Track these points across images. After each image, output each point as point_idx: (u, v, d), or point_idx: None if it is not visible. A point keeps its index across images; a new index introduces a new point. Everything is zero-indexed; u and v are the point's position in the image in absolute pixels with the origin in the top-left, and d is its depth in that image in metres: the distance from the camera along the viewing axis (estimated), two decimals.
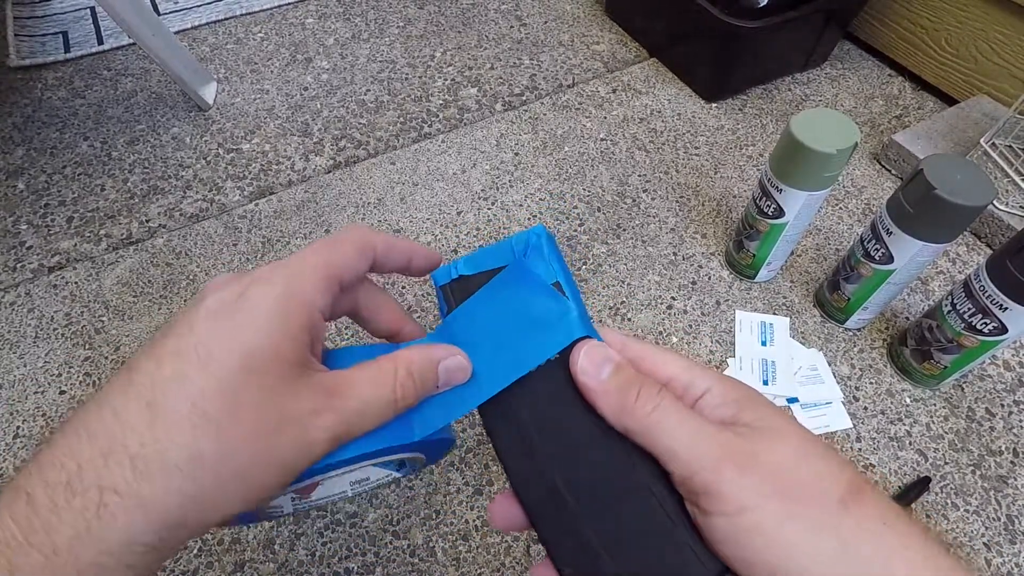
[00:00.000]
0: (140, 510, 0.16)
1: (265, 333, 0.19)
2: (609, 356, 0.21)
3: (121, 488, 0.16)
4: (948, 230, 0.44)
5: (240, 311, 0.19)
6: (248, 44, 0.89)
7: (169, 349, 0.18)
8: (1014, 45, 0.69)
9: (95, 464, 0.16)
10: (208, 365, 0.18)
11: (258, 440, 0.18)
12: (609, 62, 0.85)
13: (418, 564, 0.44)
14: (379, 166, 0.72)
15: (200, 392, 0.17)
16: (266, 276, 0.20)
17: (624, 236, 0.64)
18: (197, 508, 0.17)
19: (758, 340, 0.55)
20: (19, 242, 0.64)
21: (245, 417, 0.18)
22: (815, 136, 0.45)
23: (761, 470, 0.18)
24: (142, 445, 0.16)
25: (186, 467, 0.17)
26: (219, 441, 0.17)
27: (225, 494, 0.18)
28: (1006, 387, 0.53)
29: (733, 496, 0.18)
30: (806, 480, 0.18)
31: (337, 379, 0.20)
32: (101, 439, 0.17)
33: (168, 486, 0.17)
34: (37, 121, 0.78)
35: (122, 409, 0.17)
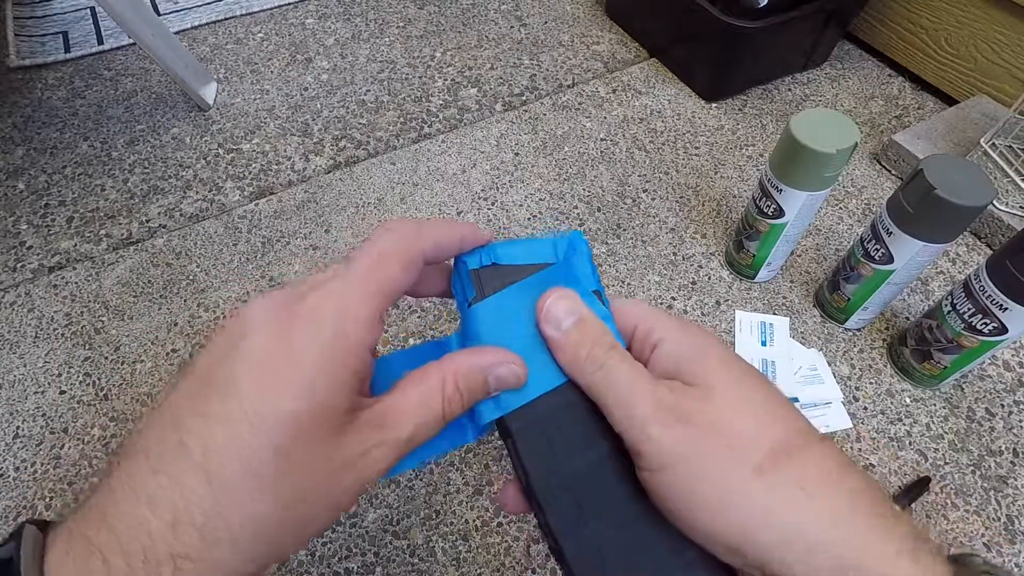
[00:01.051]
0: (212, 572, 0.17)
1: (313, 389, 0.18)
2: (574, 309, 0.21)
3: (193, 555, 0.17)
4: (948, 230, 0.44)
5: (287, 365, 0.18)
6: (248, 44, 0.89)
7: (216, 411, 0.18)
8: (1014, 45, 0.69)
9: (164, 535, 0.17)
10: (258, 429, 0.17)
11: (315, 493, 0.18)
12: (609, 62, 0.85)
13: (418, 564, 0.44)
14: (379, 166, 0.72)
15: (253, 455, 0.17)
16: (312, 313, 0.19)
17: (624, 236, 0.64)
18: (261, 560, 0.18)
19: (758, 340, 0.55)
20: (19, 242, 0.64)
21: (299, 475, 0.18)
22: (815, 136, 0.45)
23: (687, 427, 0.19)
24: (206, 516, 0.17)
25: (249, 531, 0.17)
26: (277, 501, 0.17)
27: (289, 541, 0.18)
28: (1006, 387, 0.53)
29: (653, 455, 0.19)
30: (730, 438, 0.18)
31: (387, 408, 0.20)
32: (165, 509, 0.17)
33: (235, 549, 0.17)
34: (37, 121, 0.78)
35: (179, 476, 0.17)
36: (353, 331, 0.19)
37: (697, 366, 0.20)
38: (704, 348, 0.21)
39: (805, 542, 0.17)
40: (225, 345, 0.19)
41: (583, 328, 0.21)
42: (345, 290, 0.19)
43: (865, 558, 0.17)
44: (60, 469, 0.49)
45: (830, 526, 0.17)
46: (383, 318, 0.20)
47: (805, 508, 0.17)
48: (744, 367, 0.21)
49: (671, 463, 0.18)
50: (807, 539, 0.17)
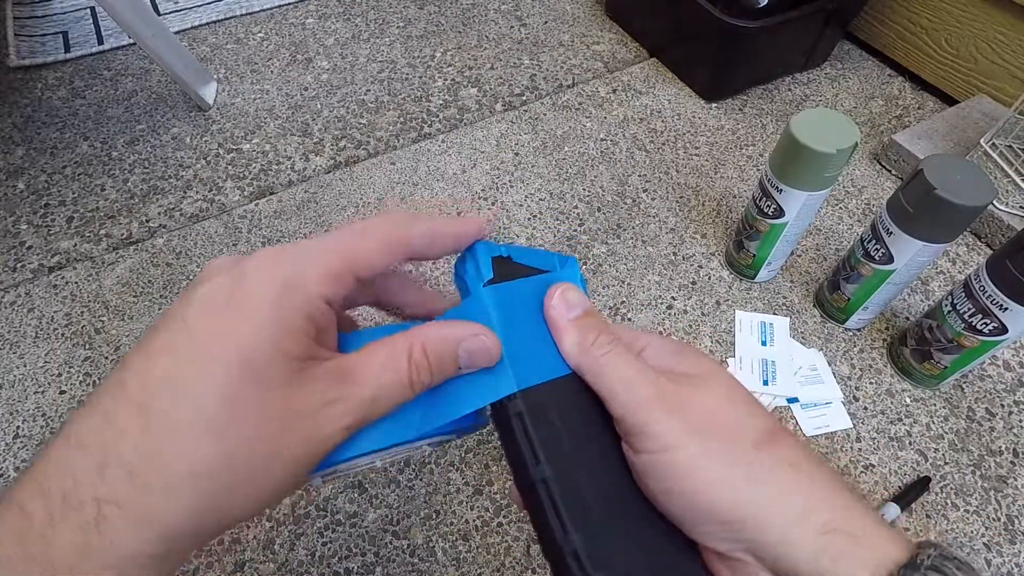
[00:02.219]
0: (143, 522, 0.15)
1: (264, 327, 0.17)
2: (583, 302, 0.23)
3: (121, 500, 0.15)
4: (948, 230, 0.44)
5: (237, 302, 0.17)
6: (248, 44, 0.89)
7: (161, 344, 0.17)
8: (1014, 45, 0.69)
9: (90, 476, 0.15)
10: (204, 364, 0.16)
11: (265, 442, 0.17)
12: (609, 62, 0.85)
13: (418, 564, 0.44)
14: (379, 166, 0.72)
15: (196, 395, 0.16)
16: (267, 262, 0.18)
17: (624, 236, 0.64)
18: (206, 517, 0.16)
19: (758, 340, 0.55)
20: (19, 242, 0.64)
21: (248, 420, 0.16)
22: (815, 136, 0.45)
23: (686, 413, 0.20)
24: (139, 456, 0.15)
25: (188, 478, 0.16)
26: (222, 447, 0.16)
27: (235, 499, 0.17)
28: (1006, 387, 0.53)
29: (659, 436, 0.19)
30: (726, 423, 0.20)
31: (348, 364, 0.19)
32: (95, 449, 0.16)
33: (171, 497, 0.16)
34: (37, 121, 0.78)
35: (112, 413, 0.16)
36: (308, 276, 0.18)
37: (689, 361, 0.22)
38: (689, 348, 0.23)
39: (802, 507, 0.19)
40: (183, 293, 0.18)
41: (591, 317, 0.23)
42: (311, 245, 0.19)
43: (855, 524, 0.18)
44: None
45: (822, 496, 0.19)
46: (347, 281, 0.19)
47: (799, 479, 0.19)
48: (723, 369, 0.23)
49: (677, 443, 0.19)
50: (803, 505, 0.19)
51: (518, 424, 0.21)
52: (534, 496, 0.20)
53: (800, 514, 0.18)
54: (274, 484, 0.17)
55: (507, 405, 0.21)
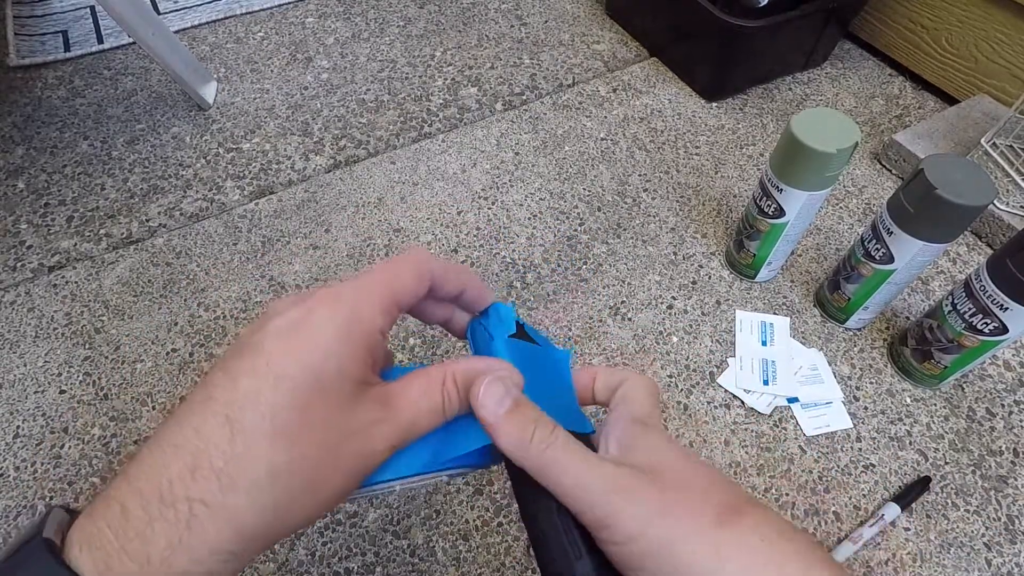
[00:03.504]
0: (226, 521, 0.18)
1: (332, 354, 0.19)
2: (509, 391, 0.22)
3: (209, 500, 0.17)
4: (949, 230, 0.44)
5: (308, 332, 0.20)
6: (248, 43, 0.89)
7: (242, 367, 0.19)
8: (1014, 45, 0.69)
9: (183, 478, 0.17)
10: (280, 382, 0.19)
11: (326, 452, 0.19)
12: (609, 61, 0.85)
13: (418, 564, 0.44)
14: (379, 165, 0.72)
15: (274, 408, 0.18)
16: (330, 299, 0.21)
17: (624, 236, 0.64)
18: (274, 517, 0.18)
19: (758, 340, 0.55)
20: (19, 241, 0.64)
21: (314, 431, 0.19)
22: (815, 136, 0.45)
23: (647, 497, 0.20)
24: (225, 461, 0.18)
25: (266, 479, 0.18)
26: (292, 453, 0.18)
27: (297, 503, 0.19)
28: (1006, 387, 0.53)
29: (622, 527, 0.19)
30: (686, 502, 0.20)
31: (392, 391, 0.21)
32: (186, 455, 0.18)
33: (251, 497, 0.18)
34: (37, 120, 0.78)
35: (202, 425, 0.18)
36: (367, 312, 0.21)
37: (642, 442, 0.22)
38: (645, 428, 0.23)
39: None
40: (257, 323, 0.21)
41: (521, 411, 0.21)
42: (361, 282, 0.22)
43: None
44: (60, 469, 0.49)
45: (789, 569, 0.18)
46: (394, 312, 0.22)
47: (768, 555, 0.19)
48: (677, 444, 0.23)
49: (640, 532, 0.19)
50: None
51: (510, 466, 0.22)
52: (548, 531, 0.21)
53: None
54: (331, 492, 0.20)
55: None
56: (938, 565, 0.44)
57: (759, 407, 0.51)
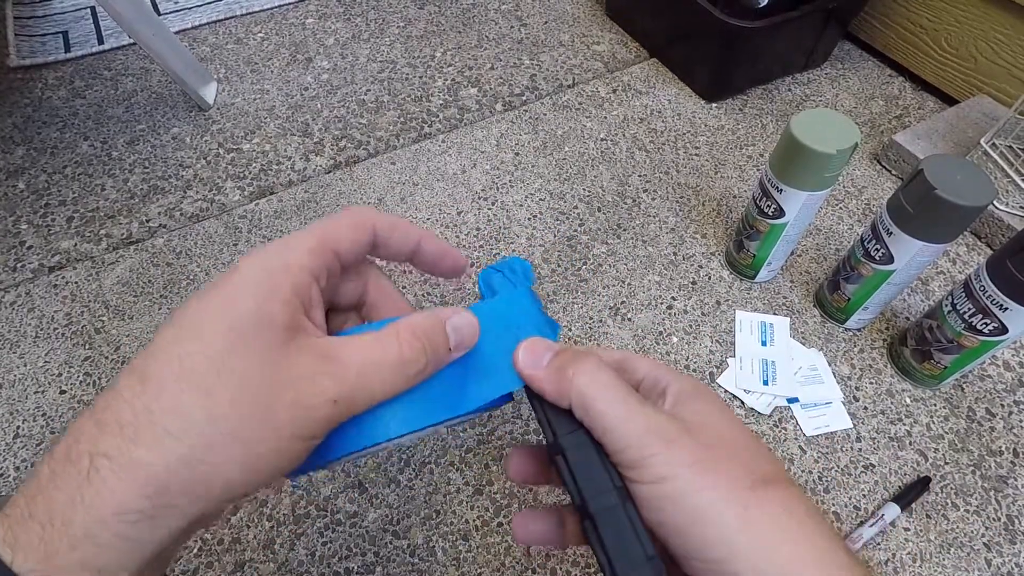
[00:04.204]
0: (129, 473, 0.16)
1: (251, 297, 0.19)
2: (550, 346, 0.22)
3: (111, 453, 0.16)
4: (948, 230, 0.44)
5: (228, 282, 0.19)
6: (248, 44, 0.89)
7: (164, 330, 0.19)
8: (1014, 45, 0.69)
9: (90, 434, 0.17)
10: (195, 332, 0.18)
11: (250, 404, 0.18)
12: (609, 62, 0.85)
13: (418, 564, 0.44)
14: (379, 166, 0.72)
15: (183, 356, 0.18)
16: (254, 251, 0.21)
17: (624, 236, 0.64)
18: (189, 471, 0.17)
19: (758, 340, 0.55)
20: (19, 242, 0.64)
21: (234, 380, 0.18)
22: (815, 136, 0.45)
23: (684, 446, 0.20)
24: (134, 413, 0.17)
25: (175, 430, 0.17)
26: (208, 404, 0.17)
27: (219, 458, 0.17)
28: (1006, 387, 0.53)
29: (655, 468, 0.19)
30: (725, 461, 0.20)
31: (334, 343, 0.20)
32: (97, 412, 0.17)
33: (157, 448, 0.17)
34: (37, 121, 0.78)
35: (116, 383, 0.18)
36: (290, 256, 0.20)
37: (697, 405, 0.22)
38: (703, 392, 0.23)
39: (790, 558, 0.18)
40: None
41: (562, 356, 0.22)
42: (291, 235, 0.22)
43: None
44: None
45: (813, 552, 0.18)
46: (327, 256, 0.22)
47: (792, 529, 0.19)
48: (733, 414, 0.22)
49: (672, 474, 0.19)
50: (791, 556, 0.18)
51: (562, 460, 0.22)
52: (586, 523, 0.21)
53: (786, 565, 0.18)
54: (266, 449, 0.18)
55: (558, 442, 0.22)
56: (938, 565, 0.44)
57: (759, 407, 0.51)
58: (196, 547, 0.44)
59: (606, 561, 0.19)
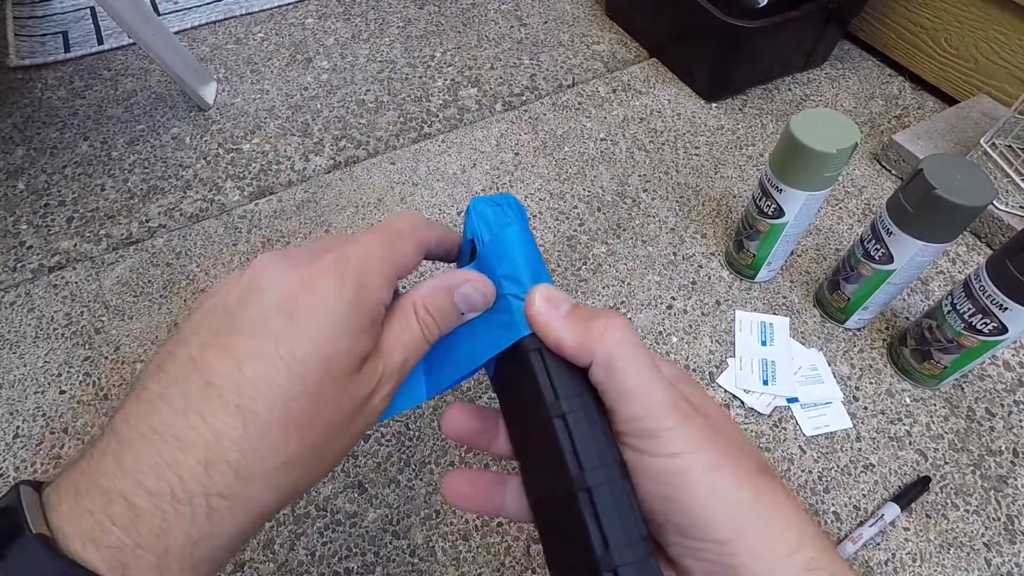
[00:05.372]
0: (245, 509, 0.18)
1: (341, 334, 0.19)
2: (565, 297, 0.22)
3: (227, 492, 0.17)
4: (948, 230, 0.44)
5: (315, 309, 0.19)
6: (248, 44, 0.89)
7: (246, 350, 0.18)
8: (1014, 45, 0.69)
9: (197, 475, 0.17)
10: (292, 368, 0.18)
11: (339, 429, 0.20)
12: (609, 62, 0.85)
13: (418, 564, 0.44)
14: (379, 166, 0.72)
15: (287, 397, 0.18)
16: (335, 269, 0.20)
17: (624, 236, 0.64)
18: (288, 496, 0.19)
19: (758, 340, 0.55)
20: (19, 242, 0.64)
21: (326, 415, 0.19)
22: (815, 136, 0.45)
23: (699, 424, 0.20)
24: (241, 453, 0.17)
25: (282, 468, 0.18)
26: (307, 439, 0.19)
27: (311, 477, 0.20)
28: (1006, 387, 0.53)
29: (672, 441, 0.19)
30: (735, 440, 0.20)
31: (381, 341, 0.21)
32: (197, 449, 0.17)
33: (267, 486, 0.18)
34: (37, 121, 0.78)
35: (209, 415, 0.17)
36: (374, 286, 0.21)
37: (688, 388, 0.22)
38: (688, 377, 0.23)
39: (796, 542, 0.19)
40: (242, 291, 0.19)
41: (582, 309, 0.21)
42: (368, 251, 0.21)
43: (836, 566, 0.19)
44: (60, 469, 0.49)
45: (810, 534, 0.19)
46: (395, 284, 0.22)
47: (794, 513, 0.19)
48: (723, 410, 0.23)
49: (687, 449, 0.19)
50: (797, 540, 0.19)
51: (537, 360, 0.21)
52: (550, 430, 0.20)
53: (793, 549, 0.18)
54: (337, 457, 0.21)
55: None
56: (938, 565, 0.44)
57: (759, 407, 0.51)
58: None
59: (599, 537, 0.19)
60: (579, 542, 0.19)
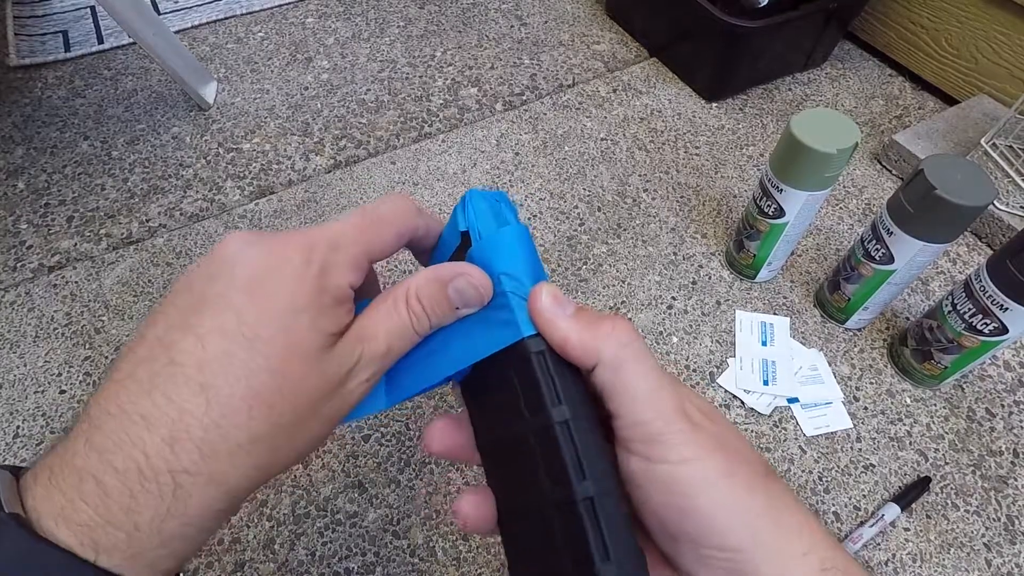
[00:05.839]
0: (211, 485, 0.18)
1: (305, 311, 0.19)
2: (570, 300, 0.21)
3: (192, 469, 0.17)
4: (948, 230, 0.44)
5: (278, 286, 0.19)
6: (248, 43, 0.89)
7: (210, 327, 0.18)
8: (1014, 45, 0.69)
9: (162, 452, 0.17)
10: (253, 344, 0.18)
11: (307, 408, 0.19)
12: (609, 62, 0.85)
13: (418, 564, 0.44)
14: (379, 166, 0.72)
15: (250, 372, 0.18)
16: (301, 248, 0.20)
17: (624, 236, 0.64)
18: (258, 474, 0.19)
19: (758, 340, 0.55)
20: (19, 241, 0.64)
21: (293, 391, 0.19)
22: (815, 136, 0.45)
23: (707, 431, 0.19)
24: (204, 430, 0.17)
25: (247, 445, 0.18)
26: (272, 417, 0.18)
27: (281, 458, 0.19)
28: (1006, 387, 0.53)
29: (680, 448, 0.19)
30: (741, 448, 0.20)
31: (361, 325, 0.21)
32: (162, 427, 0.17)
33: (233, 462, 0.18)
34: (37, 120, 0.78)
35: (174, 393, 0.18)
36: (339, 265, 0.20)
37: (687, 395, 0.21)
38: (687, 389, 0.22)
39: (808, 544, 0.18)
40: (211, 269, 0.19)
41: (588, 311, 0.21)
42: (340, 232, 0.21)
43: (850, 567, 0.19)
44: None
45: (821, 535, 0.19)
46: (366, 267, 0.22)
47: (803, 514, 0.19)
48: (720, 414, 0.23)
49: (697, 456, 0.19)
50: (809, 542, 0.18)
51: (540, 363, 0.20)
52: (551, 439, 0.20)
53: (806, 550, 0.18)
54: (310, 439, 0.20)
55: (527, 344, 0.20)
56: (938, 565, 0.44)
57: (759, 407, 0.51)
58: None
59: (601, 547, 0.18)
60: (571, 554, 0.18)
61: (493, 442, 0.22)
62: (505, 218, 0.24)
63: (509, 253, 0.22)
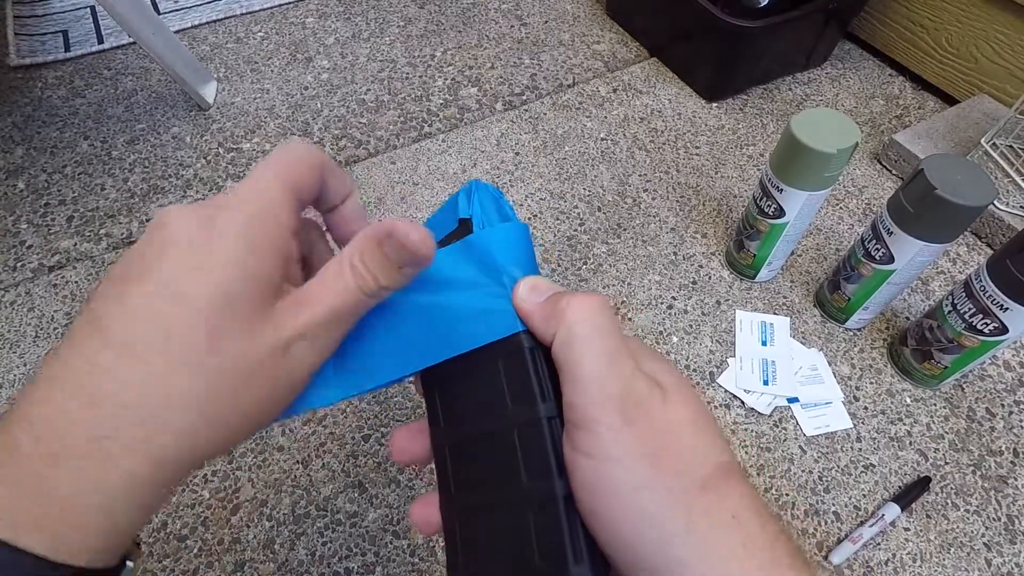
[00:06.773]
0: (135, 448, 0.17)
1: (238, 264, 0.18)
2: (552, 287, 0.21)
3: (114, 434, 0.16)
4: (949, 230, 0.44)
5: (211, 242, 0.18)
6: (248, 43, 0.89)
7: (137, 290, 0.17)
8: (1014, 45, 0.69)
9: (84, 415, 0.16)
10: (180, 301, 0.17)
11: (243, 375, 0.18)
12: (610, 62, 0.85)
13: (418, 564, 0.44)
14: (379, 165, 0.72)
15: (174, 330, 0.17)
16: (232, 203, 0.19)
17: (624, 236, 0.64)
18: (190, 442, 0.17)
19: (758, 340, 0.55)
20: (19, 241, 0.64)
21: (223, 351, 0.17)
22: (815, 136, 0.45)
23: (643, 427, 0.18)
24: (126, 390, 0.16)
25: (176, 407, 0.17)
26: (201, 380, 0.17)
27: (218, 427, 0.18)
28: (1006, 387, 0.53)
29: (605, 442, 0.17)
30: (682, 449, 0.18)
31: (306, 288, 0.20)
32: (84, 392, 0.16)
33: (159, 425, 0.17)
34: (37, 120, 0.78)
35: (95, 356, 0.17)
36: (276, 211, 0.19)
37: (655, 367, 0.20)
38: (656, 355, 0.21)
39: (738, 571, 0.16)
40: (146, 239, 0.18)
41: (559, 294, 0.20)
42: (263, 178, 0.19)
43: None
44: None
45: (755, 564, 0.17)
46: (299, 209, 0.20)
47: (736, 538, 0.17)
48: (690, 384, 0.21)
49: (620, 457, 0.17)
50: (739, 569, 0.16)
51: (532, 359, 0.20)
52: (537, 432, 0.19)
53: None
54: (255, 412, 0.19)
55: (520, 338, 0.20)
56: (938, 565, 0.44)
57: (759, 407, 0.51)
58: (196, 547, 0.44)
59: (569, 546, 0.18)
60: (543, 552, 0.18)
61: (460, 435, 0.22)
62: (506, 213, 0.24)
63: (511, 247, 0.22)
